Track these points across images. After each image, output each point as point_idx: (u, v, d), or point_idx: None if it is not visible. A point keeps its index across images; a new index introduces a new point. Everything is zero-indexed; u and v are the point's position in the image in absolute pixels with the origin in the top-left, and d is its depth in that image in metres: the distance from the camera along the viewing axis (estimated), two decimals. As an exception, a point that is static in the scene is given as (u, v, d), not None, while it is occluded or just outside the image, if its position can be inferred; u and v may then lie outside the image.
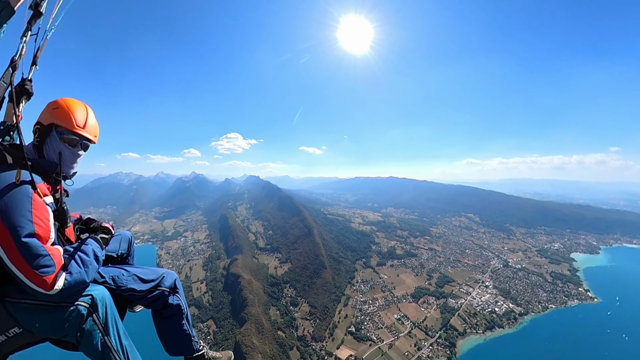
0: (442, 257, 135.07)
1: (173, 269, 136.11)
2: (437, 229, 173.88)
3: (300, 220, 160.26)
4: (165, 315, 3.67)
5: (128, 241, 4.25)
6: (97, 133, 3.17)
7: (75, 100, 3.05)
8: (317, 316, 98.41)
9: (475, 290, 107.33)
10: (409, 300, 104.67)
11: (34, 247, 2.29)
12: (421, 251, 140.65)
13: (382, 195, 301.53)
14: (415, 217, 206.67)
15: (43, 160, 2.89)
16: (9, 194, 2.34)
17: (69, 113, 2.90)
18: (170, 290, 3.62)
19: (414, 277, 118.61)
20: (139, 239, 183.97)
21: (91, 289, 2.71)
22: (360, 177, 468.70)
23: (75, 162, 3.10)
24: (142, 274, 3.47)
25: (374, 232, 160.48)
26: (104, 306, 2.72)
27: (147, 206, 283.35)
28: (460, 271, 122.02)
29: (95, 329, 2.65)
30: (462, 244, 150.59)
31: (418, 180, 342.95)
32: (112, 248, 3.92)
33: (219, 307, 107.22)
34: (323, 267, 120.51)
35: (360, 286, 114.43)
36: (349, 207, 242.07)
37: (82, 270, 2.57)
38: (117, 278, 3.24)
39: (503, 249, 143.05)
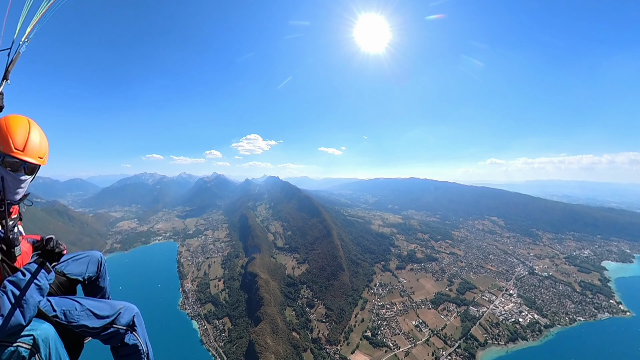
0: (464, 262, 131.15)
1: (192, 266, 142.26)
2: (459, 233, 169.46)
3: (320, 221, 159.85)
4: (121, 353, 3.47)
5: (97, 263, 4.09)
6: (42, 153, 3.02)
7: (16, 118, 2.92)
8: (332, 319, 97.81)
9: (498, 299, 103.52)
10: (429, 306, 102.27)
11: None
12: (442, 255, 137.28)
13: (403, 197, 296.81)
14: (436, 220, 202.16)
15: None
16: None
17: (7, 135, 2.79)
18: (127, 328, 3.42)
19: (434, 282, 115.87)
20: (161, 236, 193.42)
21: (33, 328, 2.68)
22: (380, 178, 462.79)
23: (20, 187, 2.98)
24: (97, 308, 3.27)
25: (394, 235, 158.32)
26: (47, 346, 2.70)
27: (170, 205, 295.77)
28: (483, 277, 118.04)
29: None
30: (485, 248, 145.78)
31: (440, 181, 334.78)
32: (78, 271, 3.78)
33: (235, 305, 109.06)
34: (341, 269, 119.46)
35: (378, 290, 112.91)
36: (368, 208, 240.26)
37: (15, 310, 2.49)
38: (69, 312, 3.09)
39: (529, 255, 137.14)
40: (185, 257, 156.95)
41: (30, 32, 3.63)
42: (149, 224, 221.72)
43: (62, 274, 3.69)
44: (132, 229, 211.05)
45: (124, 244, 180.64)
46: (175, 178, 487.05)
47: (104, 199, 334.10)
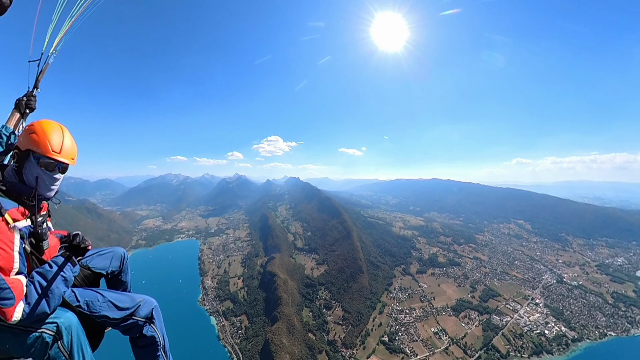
0: (487, 267, 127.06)
1: (213, 263, 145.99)
2: (484, 236, 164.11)
3: (340, 223, 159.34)
4: (139, 344, 3.63)
5: (120, 258, 4.26)
6: (74, 155, 3.26)
7: (50, 124, 3.12)
8: (350, 322, 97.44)
9: (523, 308, 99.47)
10: (449, 313, 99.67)
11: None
12: (465, 260, 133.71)
13: (425, 198, 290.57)
14: (459, 223, 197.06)
15: (19, 184, 3.04)
16: None
17: (45, 139, 3.00)
18: (145, 320, 3.59)
19: (456, 288, 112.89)
20: (184, 234, 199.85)
21: (57, 316, 2.89)
22: (402, 179, 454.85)
23: (54, 185, 3.19)
24: (118, 300, 3.47)
25: (415, 237, 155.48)
26: (70, 334, 2.89)
27: (193, 205, 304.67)
28: (508, 285, 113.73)
29: (60, 356, 2.84)
30: (510, 254, 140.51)
31: (463, 182, 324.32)
32: (102, 266, 3.99)
33: (253, 303, 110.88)
34: (360, 272, 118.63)
35: (398, 294, 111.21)
36: (389, 210, 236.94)
37: (41, 299, 2.69)
38: (92, 303, 3.30)
39: (557, 262, 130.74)
40: (207, 254, 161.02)
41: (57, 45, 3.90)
42: (173, 223, 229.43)
43: (87, 268, 3.89)
44: (156, 226, 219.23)
45: (148, 241, 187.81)
46: (198, 179, 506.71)
47: (131, 198, 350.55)
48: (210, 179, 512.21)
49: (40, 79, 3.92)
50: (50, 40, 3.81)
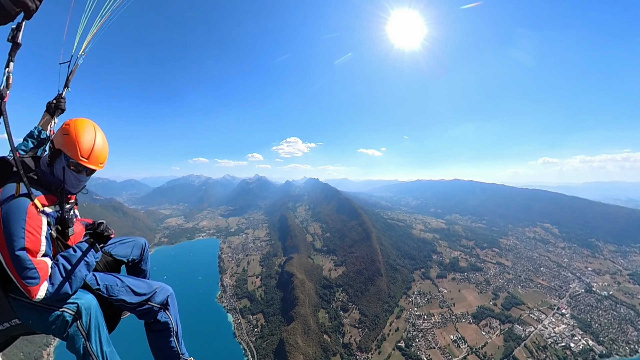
0: (511, 274, 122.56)
1: (232, 262, 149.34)
2: (508, 241, 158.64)
3: (359, 224, 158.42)
4: (154, 329, 3.83)
5: (141, 248, 4.49)
6: (103, 160, 3.41)
7: (84, 126, 3.23)
8: (366, 325, 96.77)
9: (548, 318, 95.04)
10: (469, 320, 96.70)
11: (22, 260, 2.71)
12: (488, 265, 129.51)
13: (446, 200, 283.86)
14: (482, 226, 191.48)
15: (50, 176, 3.26)
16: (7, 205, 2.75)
17: (75, 144, 3.13)
18: (160, 306, 3.79)
19: (478, 294, 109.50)
20: (204, 233, 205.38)
21: (78, 297, 3.14)
22: (423, 180, 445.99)
23: (79, 184, 3.40)
24: (135, 286, 3.70)
25: (436, 240, 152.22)
26: (89, 315, 3.13)
27: (214, 204, 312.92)
28: (532, 293, 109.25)
29: (79, 334, 3.07)
30: (536, 260, 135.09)
31: (486, 183, 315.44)
32: (123, 253, 4.21)
33: (270, 302, 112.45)
34: (379, 274, 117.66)
35: (417, 298, 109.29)
36: (410, 211, 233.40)
37: (64, 281, 2.95)
38: (110, 287, 3.54)
39: (586, 270, 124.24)
40: (226, 253, 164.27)
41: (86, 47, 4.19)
42: (194, 222, 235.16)
43: (109, 255, 4.09)
44: (178, 225, 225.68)
45: (170, 239, 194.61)
46: (219, 179, 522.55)
47: (155, 198, 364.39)
48: (231, 180, 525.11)
49: (70, 79, 4.26)
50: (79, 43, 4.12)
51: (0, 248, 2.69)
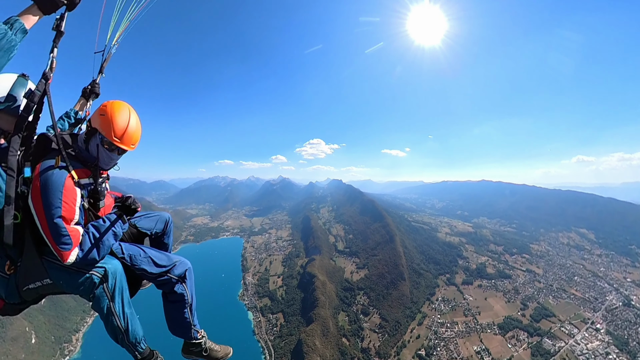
0: (542, 282, 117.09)
1: (255, 261, 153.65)
2: (539, 246, 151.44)
3: (383, 226, 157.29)
4: (170, 299, 4.13)
5: (164, 222, 4.76)
6: (134, 141, 3.65)
7: (119, 108, 3.48)
8: (386, 330, 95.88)
9: (580, 333, 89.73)
10: (495, 331, 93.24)
11: (58, 227, 2.98)
12: (517, 272, 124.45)
13: (473, 202, 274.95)
14: (512, 230, 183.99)
15: (85, 152, 3.54)
16: (47, 175, 3.02)
17: (110, 124, 3.38)
18: (178, 278, 4.06)
19: (505, 303, 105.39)
20: (229, 232, 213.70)
21: (106, 263, 3.46)
22: (448, 181, 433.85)
23: (111, 162, 3.69)
24: (157, 258, 3.97)
25: (462, 245, 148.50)
26: (114, 278, 3.45)
27: (239, 205, 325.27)
28: (565, 304, 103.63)
29: (104, 295, 3.41)
30: (569, 268, 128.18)
31: (516, 184, 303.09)
32: (148, 226, 4.52)
33: (291, 302, 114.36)
34: (402, 278, 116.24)
35: (440, 305, 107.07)
36: (435, 214, 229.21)
37: (93, 248, 3.24)
38: (134, 257, 3.84)
39: (624, 281, 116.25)
40: (250, 252, 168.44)
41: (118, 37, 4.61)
42: (219, 221, 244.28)
43: (134, 227, 4.38)
44: (204, 224, 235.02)
45: (196, 237, 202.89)
46: (244, 181, 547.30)
47: (182, 198, 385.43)
48: (255, 181, 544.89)
49: (104, 66, 4.74)
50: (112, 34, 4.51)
51: (39, 215, 2.96)
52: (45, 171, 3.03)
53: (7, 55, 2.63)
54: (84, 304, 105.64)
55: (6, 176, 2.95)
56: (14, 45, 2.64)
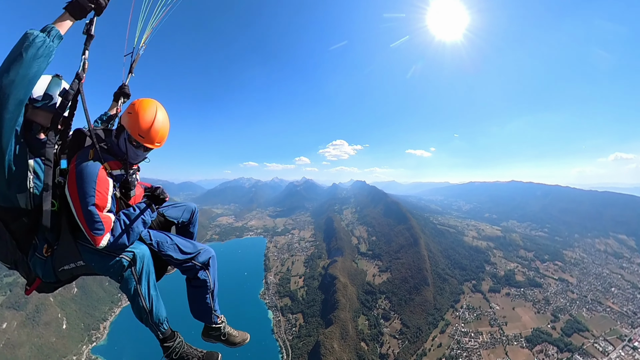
0: (575, 293, 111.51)
1: (277, 261, 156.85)
2: (573, 253, 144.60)
3: (407, 229, 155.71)
4: (193, 284, 4.39)
5: (191, 212, 5.02)
6: (160, 139, 3.86)
7: (147, 107, 3.72)
8: (407, 337, 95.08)
9: (616, 351, 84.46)
10: (522, 344, 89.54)
11: (92, 214, 3.28)
12: (548, 281, 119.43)
13: (502, 205, 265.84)
14: (544, 235, 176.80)
15: (116, 147, 3.85)
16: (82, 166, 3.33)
17: (135, 122, 3.64)
18: (202, 265, 4.32)
19: (534, 314, 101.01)
20: (253, 232, 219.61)
21: (135, 247, 3.74)
22: (476, 182, 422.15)
23: (137, 157, 3.96)
24: (182, 245, 4.24)
25: (490, 250, 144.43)
26: (142, 262, 3.74)
27: (263, 205, 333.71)
28: (600, 318, 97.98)
29: (132, 278, 3.70)
30: (606, 278, 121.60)
31: (548, 185, 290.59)
32: (175, 215, 4.79)
33: (311, 303, 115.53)
34: (425, 284, 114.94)
35: (464, 313, 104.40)
36: (462, 217, 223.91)
37: (123, 234, 3.54)
38: (161, 243, 4.13)
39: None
40: (272, 252, 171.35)
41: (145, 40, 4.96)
42: (244, 221, 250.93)
43: (162, 215, 4.66)
44: (229, 223, 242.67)
45: (221, 236, 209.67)
46: (268, 182, 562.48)
47: (209, 198, 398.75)
48: (279, 183, 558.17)
49: (134, 66, 5.01)
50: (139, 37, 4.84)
51: (74, 203, 3.29)
52: (80, 163, 3.36)
53: (46, 60, 2.90)
54: (112, 295, 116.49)
55: (44, 167, 3.24)
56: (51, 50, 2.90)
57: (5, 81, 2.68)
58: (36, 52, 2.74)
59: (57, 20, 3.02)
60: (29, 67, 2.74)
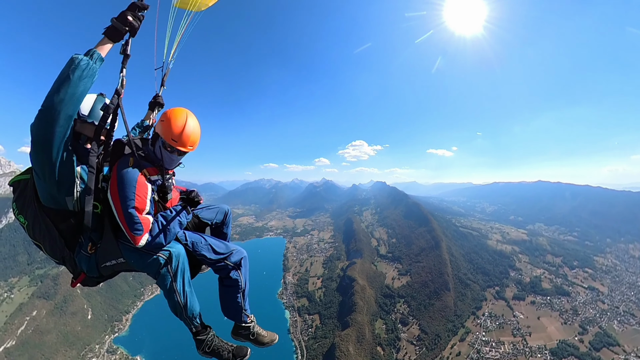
0: (607, 303, 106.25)
1: (296, 261, 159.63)
2: (605, 260, 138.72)
3: (428, 231, 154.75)
4: (225, 283, 4.62)
5: (224, 214, 5.22)
6: (192, 143, 4.16)
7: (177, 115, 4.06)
8: (425, 343, 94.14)
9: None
10: (546, 356, 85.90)
11: (132, 216, 3.60)
12: (577, 289, 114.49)
13: (528, 206, 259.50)
14: (573, 239, 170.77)
15: (153, 154, 4.17)
16: (122, 172, 3.68)
17: (168, 129, 3.97)
18: (234, 265, 4.53)
19: (561, 325, 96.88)
20: (272, 232, 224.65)
21: (171, 247, 4.00)
22: (500, 183, 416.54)
23: (173, 162, 4.27)
24: (216, 246, 4.47)
25: (515, 254, 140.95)
26: (177, 261, 4.00)
27: (283, 206, 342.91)
28: (632, 332, 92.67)
29: (167, 275, 3.97)
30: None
31: (578, 185, 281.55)
32: (209, 217, 5.00)
33: (328, 305, 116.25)
34: (446, 288, 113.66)
35: (486, 321, 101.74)
36: (485, 219, 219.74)
37: (160, 234, 3.83)
38: (195, 244, 4.36)
39: None
40: (291, 252, 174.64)
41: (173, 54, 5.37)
42: (264, 221, 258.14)
43: (197, 217, 4.90)
44: (249, 223, 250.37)
45: (241, 235, 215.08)
46: (288, 183, 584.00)
47: (230, 199, 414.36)
48: (299, 184, 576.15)
49: (165, 80, 5.53)
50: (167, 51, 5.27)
51: (116, 206, 3.62)
52: (121, 169, 3.71)
53: (91, 80, 3.23)
54: (136, 290, 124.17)
55: (88, 173, 3.58)
56: (95, 71, 3.24)
57: (56, 100, 3.01)
58: (81, 73, 3.06)
59: (98, 44, 3.35)
60: (76, 86, 3.07)
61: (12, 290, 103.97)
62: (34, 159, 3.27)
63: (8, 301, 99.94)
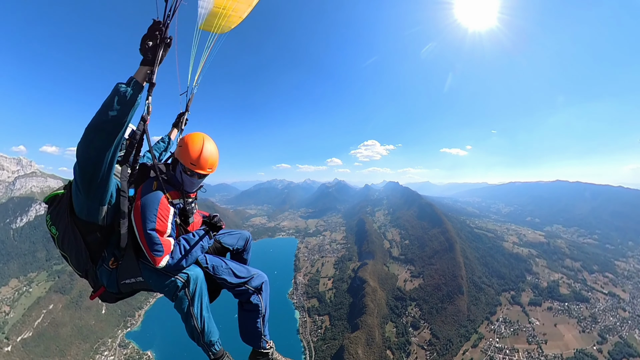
0: (628, 311, 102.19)
1: (307, 262, 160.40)
2: (627, 264, 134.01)
3: (442, 233, 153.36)
4: (245, 308, 4.64)
5: (245, 240, 5.29)
6: (210, 165, 4.25)
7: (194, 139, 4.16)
8: (436, 348, 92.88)
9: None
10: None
11: (152, 237, 3.67)
12: (597, 295, 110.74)
13: (546, 207, 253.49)
14: (593, 242, 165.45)
15: (174, 178, 4.27)
16: (147, 196, 3.79)
17: (186, 153, 4.08)
18: (255, 290, 4.58)
19: (579, 333, 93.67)
20: (284, 232, 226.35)
21: (190, 270, 4.06)
22: (516, 182, 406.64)
23: (194, 186, 4.35)
24: (237, 270, 4.53)
25: (532, 258, 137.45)
26: (195, 284, 4.03)
27: (295, 206, 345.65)
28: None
29: (185, 298, 3.99)
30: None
31: (598, 184, 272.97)
32: (230, 242, 5.06)
33: (338, 306, 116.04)
34: (459, 292, 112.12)
35: (500, 327, 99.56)
36: (501, 220, 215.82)
37: (182, 257, 3.89)
38: (216, 267, 4.43)
39: None
40: (303, 253, 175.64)
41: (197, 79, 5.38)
42: (276, 221, 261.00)
43: (218, 242, 4.96)
44: (262, 224, 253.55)
45: (253, 235, 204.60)
46: (300, 184, 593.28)
47: (243, 199, 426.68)
48: (311, 184, 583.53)
49: (189, 105, 5.63)
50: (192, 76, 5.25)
51: (138, 227, 3.70)
52: (145, 192, 3.83)
53: (133, 108, 3.34)
54: None
55: (121, 197, 3.77)
56: (135, 98, 3.34)
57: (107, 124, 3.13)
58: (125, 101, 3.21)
59: (137, 72, 3.42)
60: (124, 115, 3.19)
61: (30, 284, 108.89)
62: (80, 177, 3.36)
63: (27, 295, 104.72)
